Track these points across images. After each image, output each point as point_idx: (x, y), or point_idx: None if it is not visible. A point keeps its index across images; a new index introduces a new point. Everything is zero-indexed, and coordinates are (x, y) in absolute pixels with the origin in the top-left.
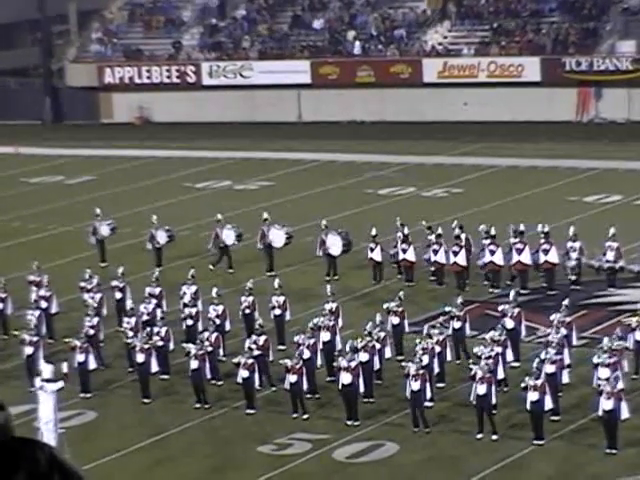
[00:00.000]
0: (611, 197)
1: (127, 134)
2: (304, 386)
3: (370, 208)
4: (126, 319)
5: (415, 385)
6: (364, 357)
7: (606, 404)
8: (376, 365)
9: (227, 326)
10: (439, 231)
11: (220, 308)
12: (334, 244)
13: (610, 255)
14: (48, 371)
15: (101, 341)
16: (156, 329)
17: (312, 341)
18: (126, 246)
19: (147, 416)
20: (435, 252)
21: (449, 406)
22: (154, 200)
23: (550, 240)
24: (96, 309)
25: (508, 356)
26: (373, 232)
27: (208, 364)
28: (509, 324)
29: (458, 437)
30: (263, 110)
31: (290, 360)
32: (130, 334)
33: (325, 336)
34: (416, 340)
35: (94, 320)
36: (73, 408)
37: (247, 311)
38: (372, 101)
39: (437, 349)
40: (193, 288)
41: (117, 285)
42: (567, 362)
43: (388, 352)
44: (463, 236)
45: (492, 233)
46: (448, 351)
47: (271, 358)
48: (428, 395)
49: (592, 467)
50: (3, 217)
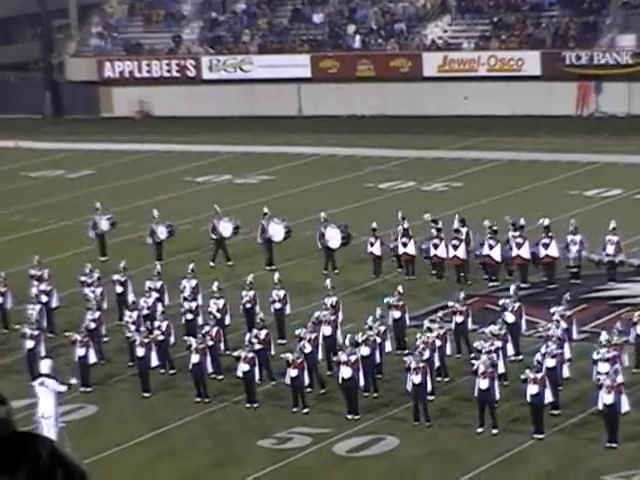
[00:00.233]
0: (611, 191)
1: (127, 128)
2: (305, 380)
3: (370, 202)
4: (128, 313)
5: (417, 379)
6: (365, 351)
7: (606, 398)
8: (377, 359)
9: (227, 320)
10: (439, 225)
11: (221, 302)
12: (333, 237)
13: (610, 249)
14: (47, 366)
15: (103, 335)
16: (157, 323)
17: (313, 335)
18: (126, 240)
19: (147, 410)
20: (436, 246)
21: (449, 400)
22: (154, 194)
23: (550, 234)
24: (97, 303)
25: (508, 350)
26: (373, 226)
27: (209, 358)
28: (510, 318)
29: (459, 431)
30: (263, 104)
31: (291, 354)
32: (132, 328)
33: (326, 330)
34: (417, 334)
35: (95, 314)
36: (73, 402)
37: (248, 305)
38: (372, 95)
39: (437, 343)
40: (193, 282)
41: (118, 279)
42: (568, 356)
43: (388, 346)
44: (464, 230)
45: (495, 228)
46: (448, 345)
47: (272, 352)
48: (429, 388)
49: (592, 461)
50: (4, 211)
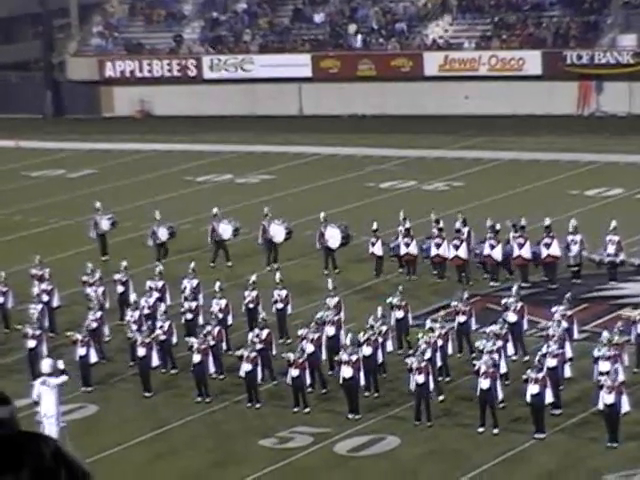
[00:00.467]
0: (612, 190)
1: (128, 128)
2: (306, 380)
3: (371, 202)
4: (129, 312)
5: (420, 378)
6: (367, 351)
7: (607, 398)
8: (379, 359)
9: (230, 320)
10: (441, 224)
11: (223, 302)
12: (333, 237)
13: (611, 249)
14: (48, 365)
15: (106, 335)
16: (159, 323)
17: (316, 335)
18: (127, 240)
19: (148, 410)
20: (438, 246)
21: (450, 399)
22: (155, 194)
23: (552, 234)
24: (99, 303)
25: (508, 350)
26: (374, 226)
27: (211, 358)
28: (512, 318)
29: (460, 431)
30: (264, 104)
31: (293, 354)
32: (134, 327)
33: (330, 330)
34: (418, 334)
35: (97, 314)
36: (74, 401)
37: (251, 305)
38: (373, 94)
39: (439, 343)
40: (194, 282)
41: (120, 279)
42: (569, 356)
43: (390, 346)
44: (465, 230)
45: (497, 228)
46: (450, 345)
47: (274, 352)
48: (431, 387)
49: (593, 461)
50: (4, 211)
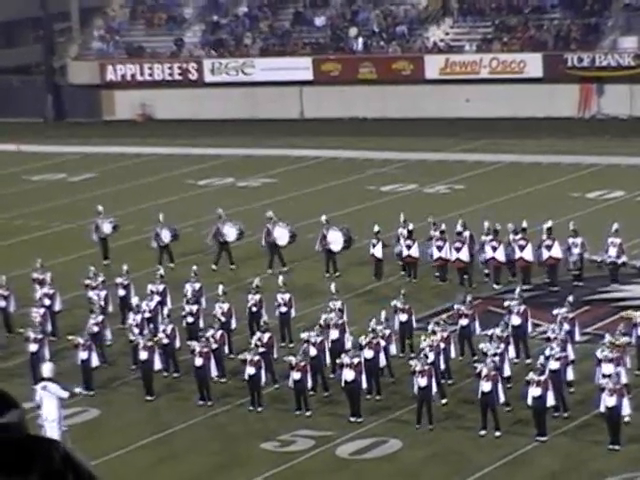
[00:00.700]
0: (613, 193)
1: (129, 131)
2: (308, 383)
3: (372, 205)
4: (131, 316)
5: (422, 381)
6: (368, 354)
7: (608, 400)
8: (381, 362)
9: (233, 324)
10: (443, 227)
11: (226, 306)
12: (335, 240)
13: (612, 251)
14: (49, 370)
15: (108, 339)
16: (162, 327)
17: (319, 339)
18: (129, 243)
19: (151, 413)
20: (439, 248)
21: (453, 402)
22: (156, 197)
23: (552, 236)
24: (101, 307)
25: (510, 353)
26: (376, 228)
27: (214, 361)
28: (515, 321)
29: (462, 433)
30: (265, 107)
31: (294, 357)
32: (136, 331)
33: (334, 333)
34: (421, 337)
35: (98, 318)
36: (76, 406)
37: (254, 309)
38: (374, 98)
39: (442, 346)
40: (196, 285)
41: (121, 282)
42: (571, 358)
43: (393, 349)
44: (466, 233)
45: (496, 229)
46: (452, 348)
47: (275, 355)
48: (434, 390)
49: (595, 463)
50: (5, 215)
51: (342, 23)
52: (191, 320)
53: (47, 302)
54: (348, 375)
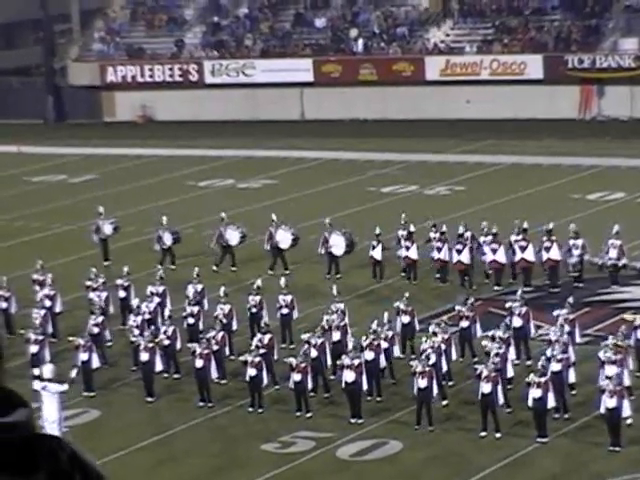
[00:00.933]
0: (614, 194)
1: (130, 133)
2: (309, 385)
3: (373, 206)
4: (132, 317)
5: (422, 383)
6: (369, 355)
7: (609, 402)
8: (382, 363)
9: (234, 325)
10: (443, 228)
11: (227, 307)
12: (337, 244)
13: (613, 253)
14: (49, 371)
15: (108, 340)
16: (163, 328)
17: (320, 340)
18: (129, 245)
19: (151, 415)
20: (439, 250)
21: (453, 404)
22: (157, 199)
23: (552, 238)
24: (102, 308)
25: (511, 354)
26: (377, 230)
27: (214, 363)
28: (517, 322)
29: (462, 435)
30: (266, 108)
31: (295, 358)
32: (136, 332)
33: (335, 335)
34: (422, 338)
35: (98, 319)
36: (77, 407)
37: (254, 310)
38: (374, 99)
39: (442, 347)
40: (198, 287)
41: (122, 284)
42: (572, 360)
43: (397, 351)
44: (468, 234)
45: (494, 231)
46: (453, 349)
47: (276, 357)
48: (435, 392)
49: (596, 465)
50: (6, 216)
51: (343, 24)
52: (192, 321)
53: (48, 303)
54: (348, 376)
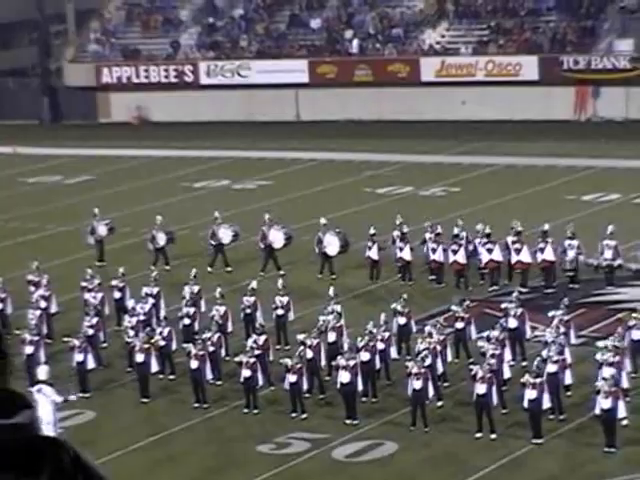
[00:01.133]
0: (609, 196)
1: (125, 134)
2: (304, 386)
3: (368, 207)
4: (127, 318)
5: (417, 384)
6: (365, 356)
7: (604, 403)
8: (377, 365)
9: (229, 327)
10: (439, 229)
11: (222, 309)
12: (331, 244)
13: (608, 253)
14: (44, 372)
15: (103, 341)
16: (159, 329)
17: (315, 341)
18: (124, 246)
19: (147, 416)
20: (433, 250)
21: (448, 405)
22: (152, 200)
23: (547, 239)
24: (97, 309)
25: (506, 355)
26: (372, 231)
27: (209, 364)
28: (512, 323)
29: (458, 436)
30: (261, 109)
31: (290, 359)
32: (131, 333)
33: (331, 336)
34: (418, 339)
35: (93, 320)
36: (72, 408)
37: (248, 311)
38: (370, 100)
39: (438, 348)
40: (195, 288)
41: (117, 285)
42: (568, 361)
43: (393, 352)
44: (463, 234)
45: (487, 232)
46: (449, 350)
47: (271, 358)
48: (430, 393)
49: (592, 466)
50: (1, 217)
51: (338, 25)
52: (187, 322)
53: (43, 304)
54: (344, 377)
